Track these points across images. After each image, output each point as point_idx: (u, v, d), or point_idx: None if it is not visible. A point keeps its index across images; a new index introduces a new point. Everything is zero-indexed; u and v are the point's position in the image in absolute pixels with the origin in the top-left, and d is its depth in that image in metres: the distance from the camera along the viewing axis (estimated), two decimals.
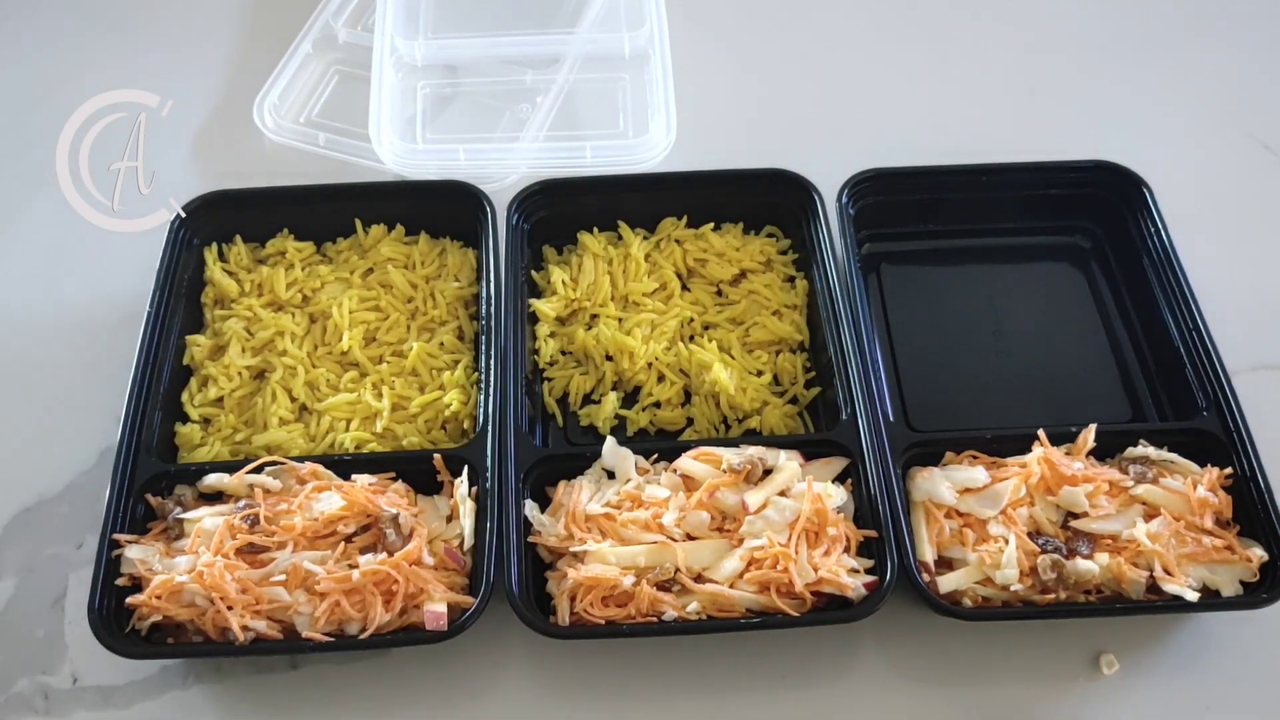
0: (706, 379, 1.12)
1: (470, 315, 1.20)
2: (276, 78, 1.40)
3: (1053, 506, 1.01)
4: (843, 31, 1.54)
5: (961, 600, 0.97)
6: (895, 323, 1.21)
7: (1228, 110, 1.43)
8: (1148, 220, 1.21)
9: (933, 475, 1.02)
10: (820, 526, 0.98)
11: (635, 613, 0.95)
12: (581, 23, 1.44)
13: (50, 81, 1.47)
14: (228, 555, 0.96)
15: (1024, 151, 1.27)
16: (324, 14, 1.48)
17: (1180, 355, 1.12)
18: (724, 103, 1.45)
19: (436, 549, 0.99)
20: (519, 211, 1.20)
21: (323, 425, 1.11)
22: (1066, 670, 0.99)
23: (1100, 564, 0.96)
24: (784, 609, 0.94)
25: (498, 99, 1.41)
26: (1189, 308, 1.13)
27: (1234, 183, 1.36)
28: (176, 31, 1.53)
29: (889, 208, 1.25)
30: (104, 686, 1.00)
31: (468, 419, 1.11)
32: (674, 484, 1.02)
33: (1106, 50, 1.51)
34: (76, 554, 1.07)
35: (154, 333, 1.12)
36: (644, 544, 0.97)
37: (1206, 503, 0.99)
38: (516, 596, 0.95)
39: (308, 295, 1.20)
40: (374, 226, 1.24)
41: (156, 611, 0.94)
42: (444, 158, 1.33)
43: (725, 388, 1.11)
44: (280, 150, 1.37)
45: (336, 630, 0.95)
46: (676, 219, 1.25)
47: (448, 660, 0.99)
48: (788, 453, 1.03)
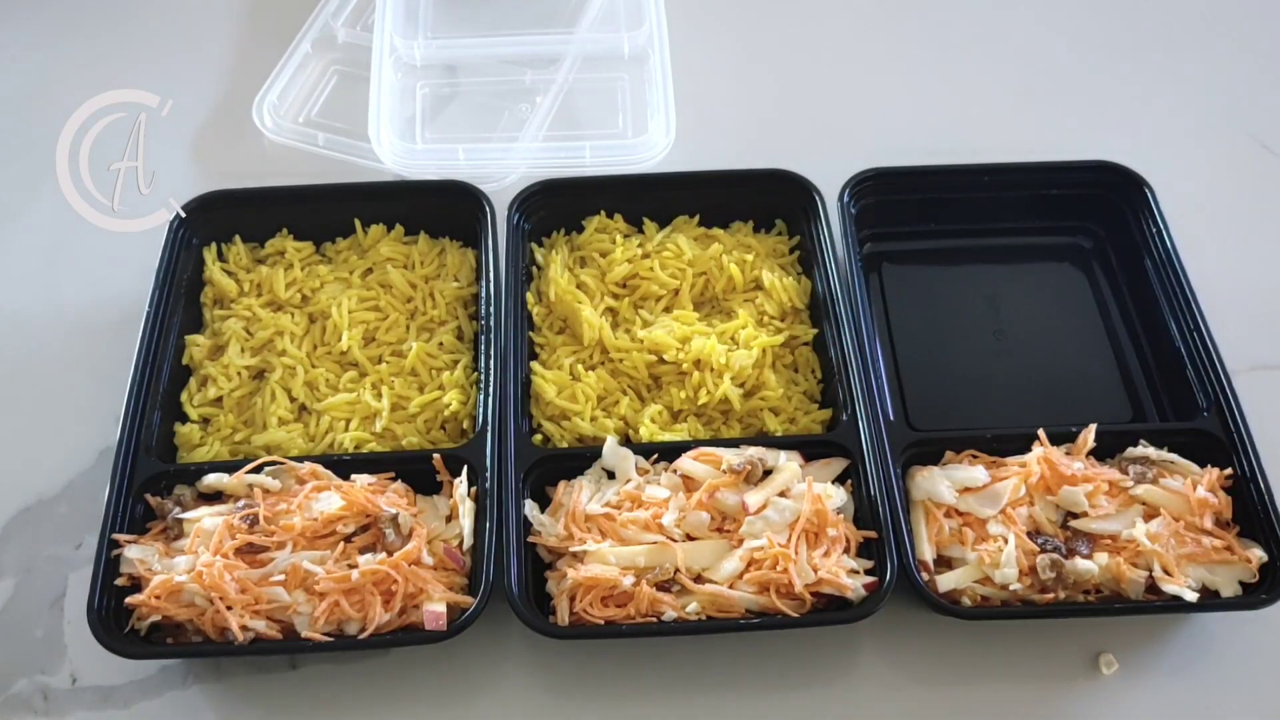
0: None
1: (470, 315, 1.20)
2: (276, 78, 1.40)
3: (1052, 506, 1.01)
4: (842, 31, 1.54)
5: (961, 599, 0.97)
6: (896, 322, 1.21)
7: (1227, 110, 1.43)
8: (1149, 220, 1.21)
9: (932, 474, 1.02)
10: (820, 527, 0.98)
11: (635, 613, 0.95)
12: (581, 23, 1.44)
13: (50, 81, 1.47)
14: (227, 555, 0.96)
15: (1023, 151, 1.27)
16: (323, 14, 1.48)
17: (1181, 356, 1.12)
18: (723, 102, 1.45)
19: (436, 549, 0.99)
20: (519, 211, 1.20)
21: (322, 425, 1.11)
22: (1066, 670, 0.99)
23: (1099, 564, 0.96)
24: (783, 609, 0.94)
25: (497, 99, 1.41)
26: (1190, 308, 1.13)
27: (1233, 182, 1.36)
28: (176, 31, 1.53)
29: (890, 207, 1.25)
30: (103, 686, 1.00)
31: (467, 419, 1.11)
32: (674, 484, 1.02)
33: (1106, 50, 1.51)
34: (76, 554, 1.07)
35: (153, 332, 1.12)
36: (644, 544, 0.97)
37: (1206, 503, 0.99)
38: (516, 596, 0.95)
39: (307, 295, 1.20)
40: (373, 226, 1.24)
41: (156, 611, 0.94)
42: (443, 158, 1.33)
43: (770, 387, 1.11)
44: (280, 150, 1.37)
45: (336, 630, 0.95)
46: (688, 217, 1.25)
47: (447, 660, 0.99)
48: (788, 453, 1.03)
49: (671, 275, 1.19)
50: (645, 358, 1.13)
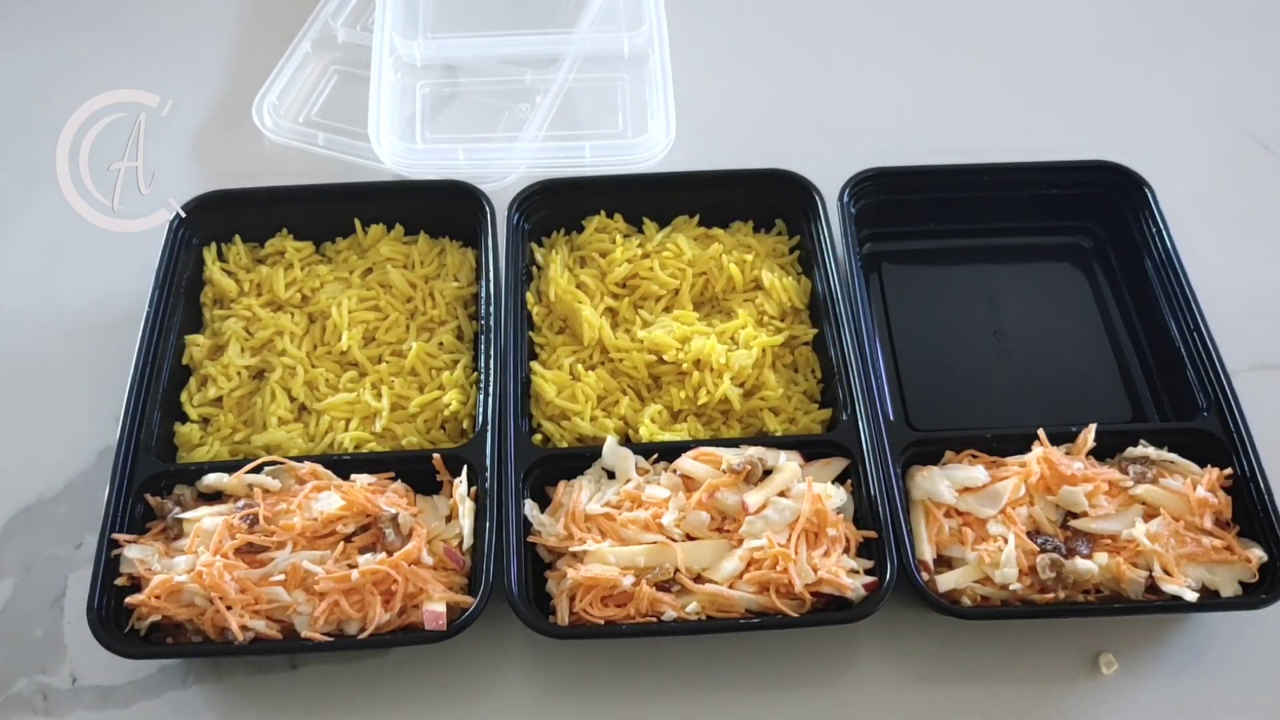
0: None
1: (469, 315, 1.20)
2: (276, 77, 1.40)
3: (1052, 506, 1.00)
4: (842, 31, 1.54)
5: (960, 599, 0.97)
6: (896, 322, 1.21)
7: (1226, 110, 1.43)
8: (1149, 220, 1.21)
9: (932, 474, 1.02)
10: (820, 527, 0.98)
11: (635, 613, 0.95)
12: (581, 22, 1.44)
13: (50, 81, 1.47)
14: (227, 555, 0.96)
15: (1022, 151, 1.27)
16: (323, 14, 1.48)
17: (1181, 355, 1.12)
18: (723, 102, 1.45)
19: (436, 549, 0.99)
20: (519, 211, 1.20)
21: (322, 425, 1.11)
22: (1066, 670, 0.99)
23: (1099, 564, 0.96)
24: (783, 609, 0.94)
25: (497, 99, 1.41)
26: (1190, 308, 1.13)
27: (1232, 182, 1.36)
28: (176, 31, 1.53)
29: (891, 207, 1.25)
30: (103, 686, 1.00)
31: (467, 419, 1.11)
32: (674, 484, 1.02)
33: (1105, 50, 1.51)
34: (76, 554, 1.07)
35: (153, 332, 1.12)
36: (644, 544, 0.97)
37: (1206, 503, 0.99)
38: (516, 596, 0.95)
39: (307, 295, 1.20)
40: (373, 226, 1.24)
41: (156, 611, 0.94)
42: (443, 157, 1.33)
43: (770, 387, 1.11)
44: (279, 150, 1.37)
45: (335, 630, 0.95)
46: (688, 217, 1.25)
47: (447, 660, 0.99)
48: (788, 453, 1.03)
49: (671, 275, 1.19)
50: (645, 358, 1.13)
